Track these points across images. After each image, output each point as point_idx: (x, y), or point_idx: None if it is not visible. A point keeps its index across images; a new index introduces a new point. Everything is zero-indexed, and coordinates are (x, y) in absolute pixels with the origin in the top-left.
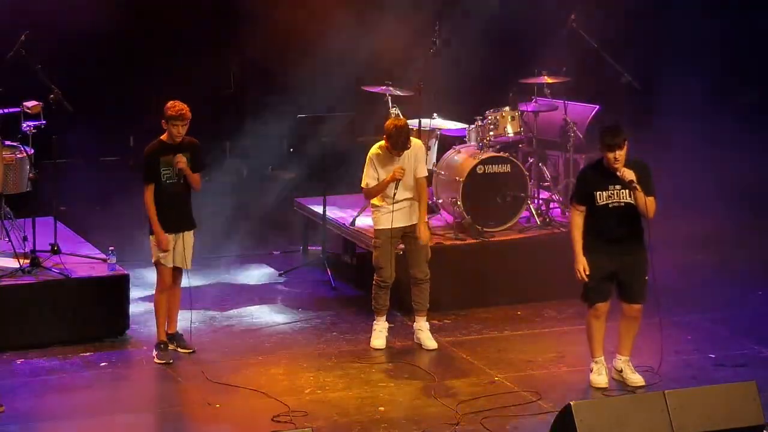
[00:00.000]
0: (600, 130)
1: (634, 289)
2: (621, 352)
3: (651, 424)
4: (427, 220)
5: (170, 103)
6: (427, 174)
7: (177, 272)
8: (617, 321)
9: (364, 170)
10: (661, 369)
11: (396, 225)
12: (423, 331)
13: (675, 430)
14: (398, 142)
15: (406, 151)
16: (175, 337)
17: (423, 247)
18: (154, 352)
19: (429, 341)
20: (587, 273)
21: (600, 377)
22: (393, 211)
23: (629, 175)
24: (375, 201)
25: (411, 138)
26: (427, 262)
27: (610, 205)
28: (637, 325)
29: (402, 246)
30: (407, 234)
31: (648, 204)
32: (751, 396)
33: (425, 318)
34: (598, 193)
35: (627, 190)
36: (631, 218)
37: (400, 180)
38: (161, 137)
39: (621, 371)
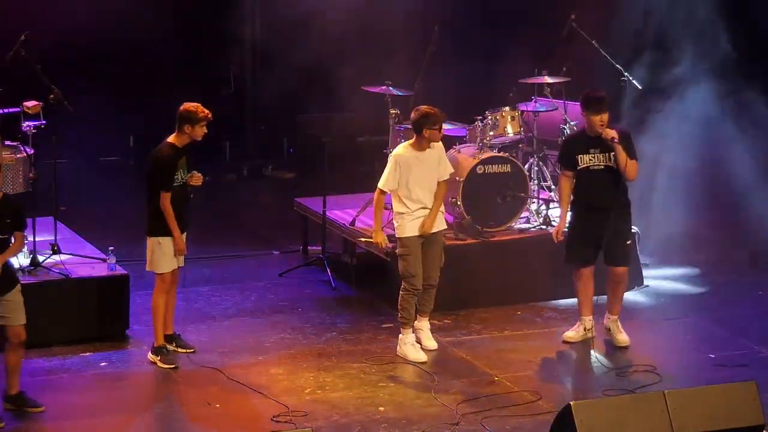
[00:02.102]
0: (582, 97)
1: (616, 253)
2: (610, 311)
3: (651, 424)
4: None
5: (191, 106)
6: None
7: (173, 273)
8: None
9: (386, 170)
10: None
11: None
12: (423, 331)
13: (675, 430)
14: (437, 120)
15: (430, 153)
16: (174, 338)
17: (438, 253)
18: (158, 357)
19: (429, 341)
20: (560, 237)
21: (571, 333)
22: (418, 217)
23: (611, 133)
24: (397, 208)
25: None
26: (440, 268)
27: (591, 168)
28: (623, 287)
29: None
30: (426, 239)
31: (629, 166)
32: (751, 396)
33: (428, 319)
34: (579, 156)
35: (606, 154)
36: (612, 182)
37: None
38: (171, 140)
39: (609, 330)
